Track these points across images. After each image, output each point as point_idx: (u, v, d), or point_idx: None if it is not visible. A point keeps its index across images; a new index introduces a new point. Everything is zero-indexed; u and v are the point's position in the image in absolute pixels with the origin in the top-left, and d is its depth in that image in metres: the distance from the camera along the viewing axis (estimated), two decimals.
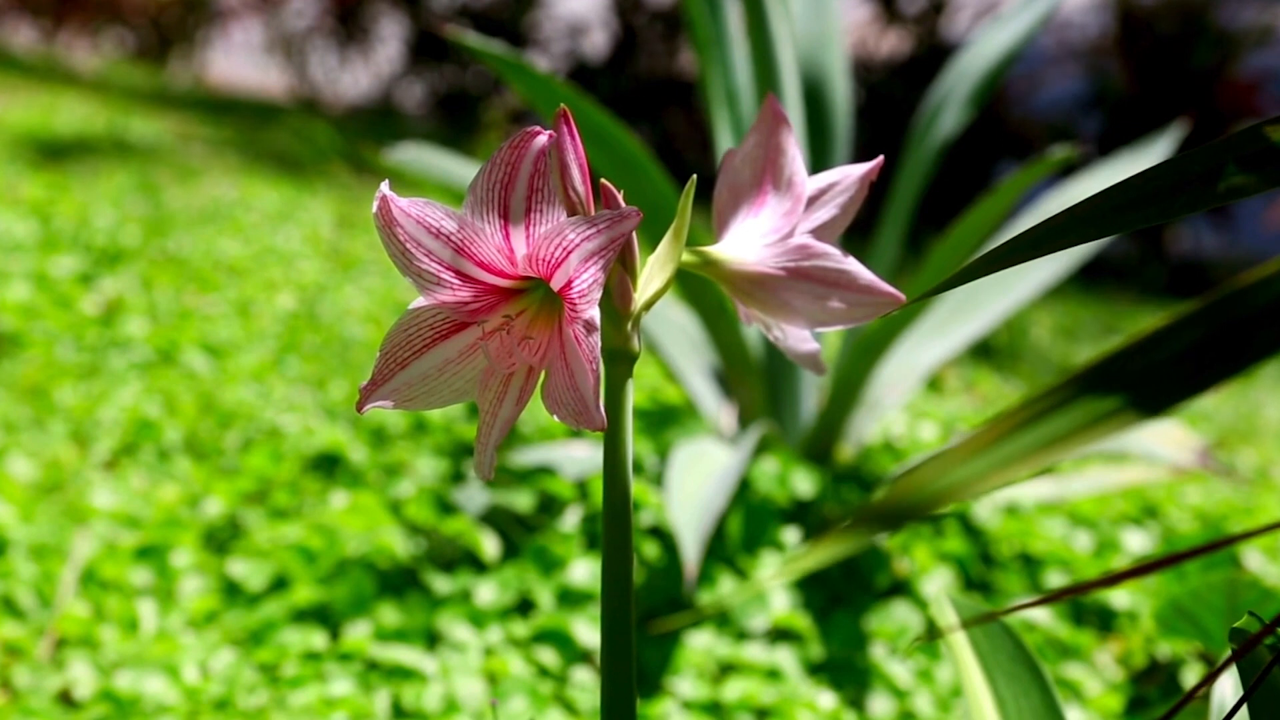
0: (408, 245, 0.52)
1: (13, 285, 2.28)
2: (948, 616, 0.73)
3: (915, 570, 1.43)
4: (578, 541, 1.41)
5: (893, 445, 1.79)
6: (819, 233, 0.61)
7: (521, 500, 1.46)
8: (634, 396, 1.41)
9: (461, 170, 1.51)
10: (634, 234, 0.55)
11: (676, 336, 1.72)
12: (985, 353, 2.88)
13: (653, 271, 0.57)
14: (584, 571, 1.34)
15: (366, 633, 1.27)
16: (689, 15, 1.60)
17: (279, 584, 1.36)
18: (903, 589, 1.42)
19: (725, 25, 1.61)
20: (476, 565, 1.39)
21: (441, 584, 1.34)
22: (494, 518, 1.46)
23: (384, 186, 0.51)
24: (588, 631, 1.26)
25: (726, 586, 1.37)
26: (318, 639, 1.24)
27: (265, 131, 4.79)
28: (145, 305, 2.33)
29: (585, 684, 1.21)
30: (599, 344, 0.50)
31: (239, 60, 6.75)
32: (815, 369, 0.63)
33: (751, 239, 0.61)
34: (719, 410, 1.68)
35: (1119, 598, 1.43)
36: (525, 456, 1.53)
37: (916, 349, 1.71)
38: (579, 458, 1.53)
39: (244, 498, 1.57)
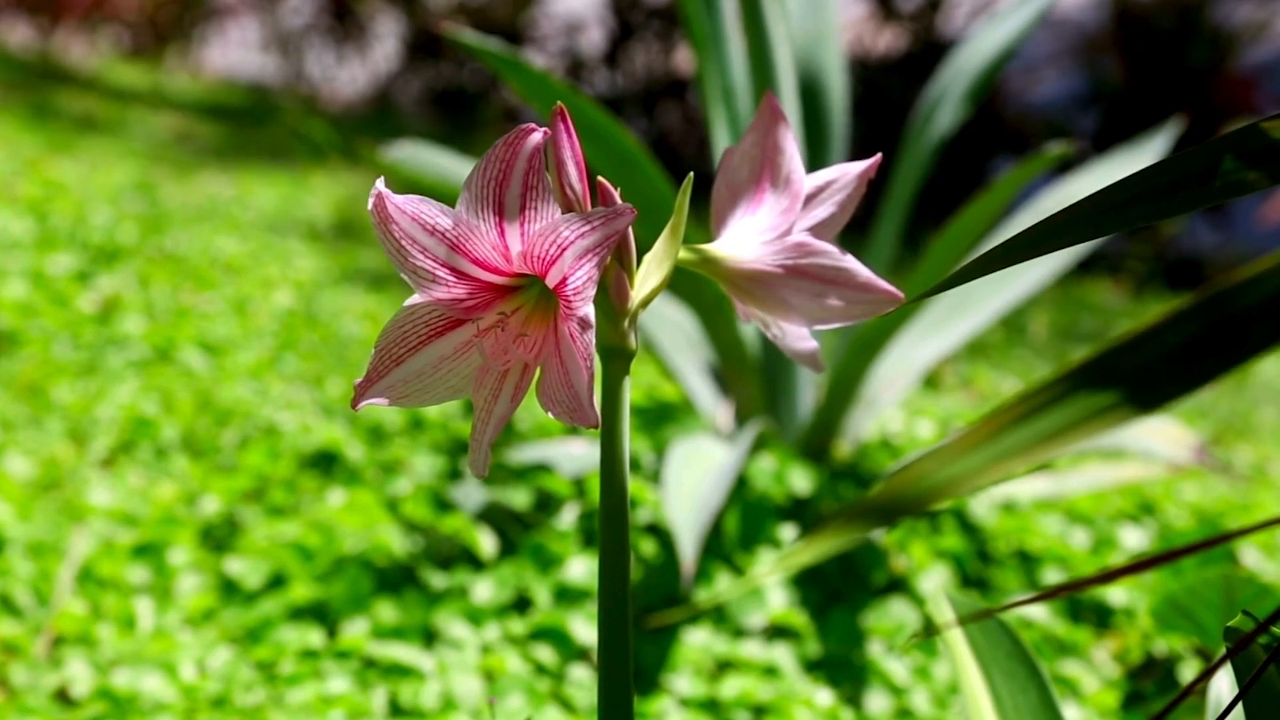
0: (403, 242, 0.52)
1: (10, 283, 2.28)
2: (945, 613, 0.73)
3: (912, 567, 1.44)
4: (575, 539, 1.41)
5: (890, 442, 1.80)
6: (817, 230, 0.61)
7: (519, 498, 1.46)
8: (631, 394, 1.41)
9: (458, 167, 1.51)
10: (630, 231, 0.55)
11: (674, 334, 1.72)
12: (982, 350, 2.88)
13: (650, 269, 0.57)
14: (581, 569, 1.34)
15: (364, 630, 1.26)
16: (685, 13, 1.60)
17: (276, 582, 1.36)
18: (900, 586, 1.42)
19: (722, 23, 1.61)
20: (474, 563, 1.39)
21: (439, 581, 1.34)
22: (491, 515, 1.46)
23: (380, 184, 0.51)
24: (585, 629, 1.26)
25: (724, 584, 1.37)
26: (315, 637, 1.24)
27: (262, 129, 4.79)
28: (142, 303, 2.33)
29: (583, 681, 1.21)
30: (594, 341, 0.50)
31: (236, 57, 6.74)
32: (813, 367, 0.63)
33: (749, 236, 0.61)
34: (716, 407, 1.68)
35: (1116, 594, 1.43)
36: (522, 454, 1.52)
37: (913, 346, 1.71)
38: (576, 455, 1.53)
39: (241, 495, 1.57)
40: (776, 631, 1.33)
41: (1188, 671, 1.31)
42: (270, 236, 3.00)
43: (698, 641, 1.28)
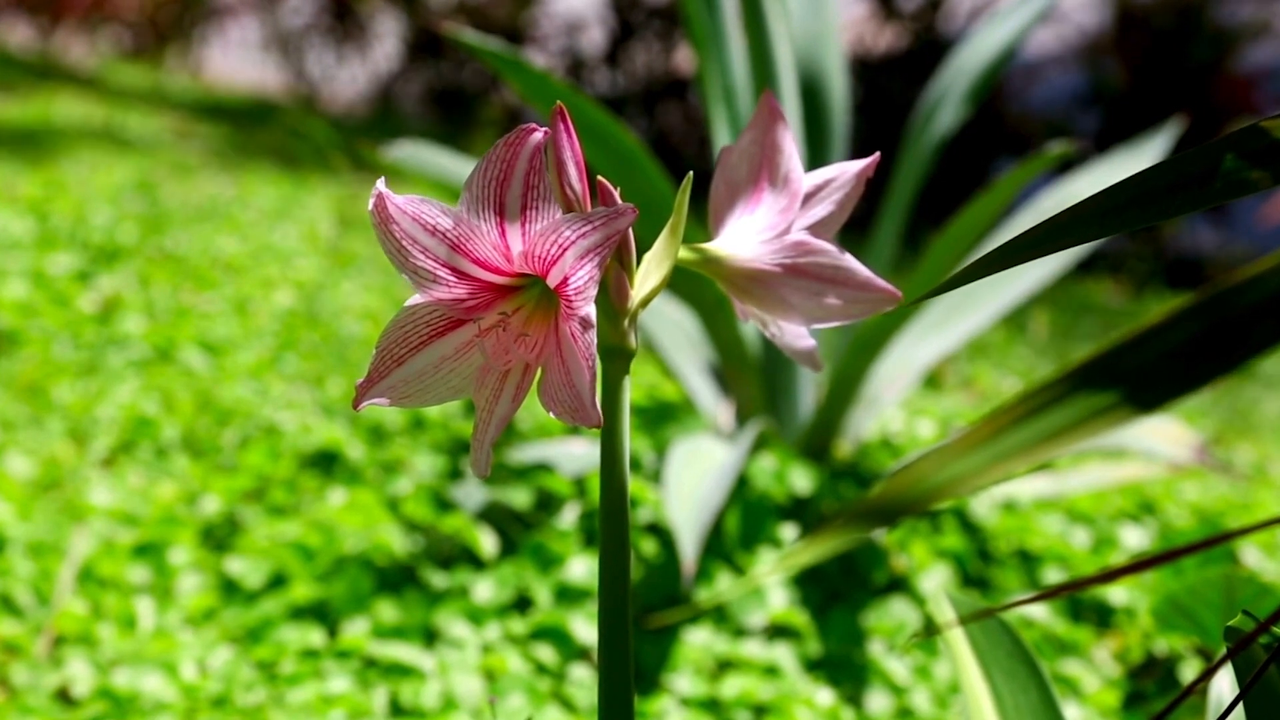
0: (404, 242, 0.52)
1: (10, 283, 2.28)
2: (945, 613, 0.73)
3: (913, 567, 1.44)
4: (575, 539, 1.41)
5: (890, 442, 1.80)
6: (816, 229, 0.61)
7: (519, 497, 1.46)
8: (631, 393, 1.41)
9: (458, 167, 1.51)
10: (630, 230, 0.55)
11: (674, 333, 1.72)
12: (983, 349, 2.88)
13: (649, 268, 0.57)
14: (582, 569, 1.34)
15: (364, 630, 1.27)
16: (686, 12, 1.60)
17: (277, 581, 1.36)
18: (900, 586, 1.42)
19: (722, 22, 1.61)
20: (474, 562, 1.39)
21: (439, 581, 1.34)
22: (492, 515, 1.46)
23: (380, 183, 0.51)
24: (586, 629, 1.26)
25: (724, 583, 1.37)
26: (315, 636, 1.24)
27: (262, 129, 4.79)
28: (143, 303, 2.33)
29: (583, 681, 1.21)
30: (595, 341, 0.50)
31: (236, 58, 6.75)
32: (812, 365, 0.63)
33: (748, 235, 0.61)
34: (717, 407, 1.68)
35: (1116, 594, 1.43)
36: (523, 453, 1.52)
37: (914, 345, 1.71)
38: (577, 455, 1.53)
39: (242, 495, 1.57)
40: (777, 631, 1.33)
41: (1188, 671, 1.31)
42: (270, 236, 3.00)
43: (698, 641, 1.28)
